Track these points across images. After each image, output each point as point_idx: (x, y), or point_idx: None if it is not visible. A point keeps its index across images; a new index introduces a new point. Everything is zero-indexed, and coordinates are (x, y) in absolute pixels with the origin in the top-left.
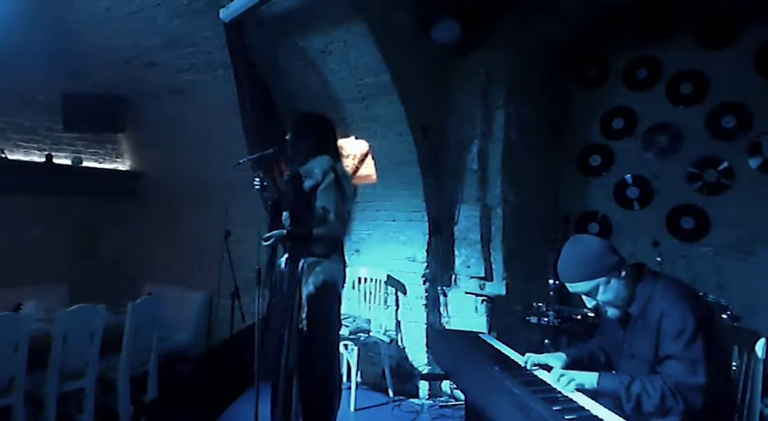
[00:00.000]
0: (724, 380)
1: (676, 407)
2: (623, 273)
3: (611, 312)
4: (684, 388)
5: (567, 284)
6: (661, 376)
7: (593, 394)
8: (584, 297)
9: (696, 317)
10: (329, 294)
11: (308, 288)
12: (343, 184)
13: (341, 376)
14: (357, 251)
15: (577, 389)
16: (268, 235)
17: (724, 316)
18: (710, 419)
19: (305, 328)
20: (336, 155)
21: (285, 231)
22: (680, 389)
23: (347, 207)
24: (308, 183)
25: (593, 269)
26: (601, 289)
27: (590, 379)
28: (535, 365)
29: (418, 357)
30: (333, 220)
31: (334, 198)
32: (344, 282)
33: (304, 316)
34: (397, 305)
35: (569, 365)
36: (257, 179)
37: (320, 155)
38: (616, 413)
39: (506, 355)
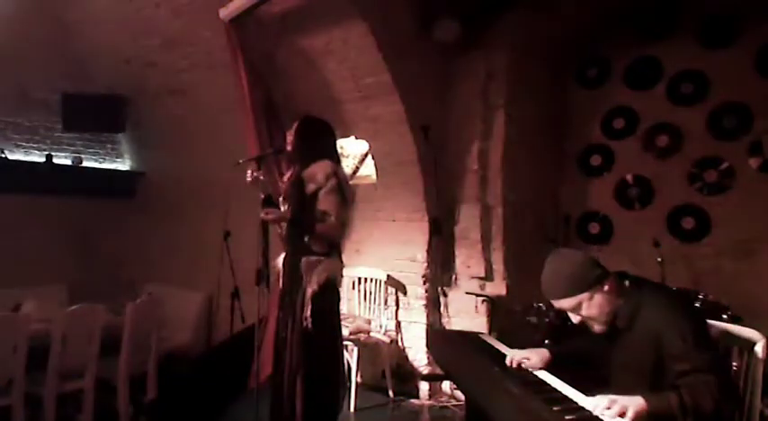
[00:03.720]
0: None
1: (728, 404)
2: (606, 287)
3: (597, 328)
4: (720, 386)
5: (552, 301)
6: (694, 382)
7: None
8: (569, 312)
9: (690, 323)
10: (332, 291)
11: (311, 286)
12: (344, 189)
13: (344, 374)
14: (357, 251)
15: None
16: (269, 210)
17: (724, 316)
18: (711, 419)
19: (309, 326)
20: (337, 159)
21: (288, 213)
22: (718, 388)
23: (347, 211)
24: (310, 187)
25: (575, 285)
26: (584, 305)
27: (636, 401)
28: (521, 358)
29: (418, 357)
30: (333, 223)
31: (335, 202)
32: (341, 281)
33: (308, 314)
34: (397, 305)
35: (555, 361)
36: (249, 171)
37: (322, 159)
38: None
39: (506, 356)
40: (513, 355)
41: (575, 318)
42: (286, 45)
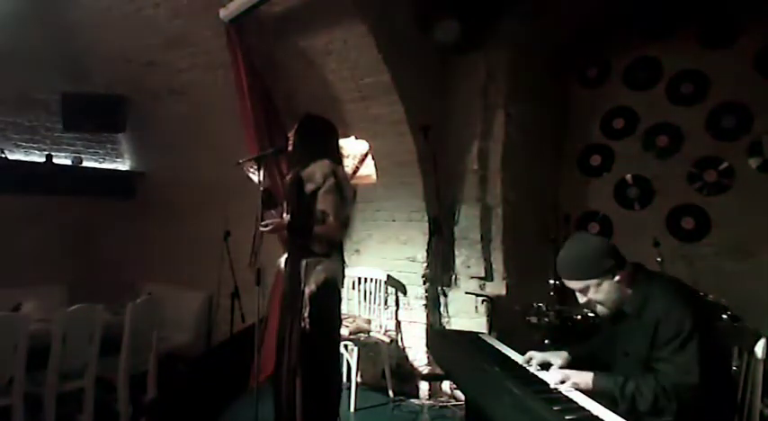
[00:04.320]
0: (723, 379)
1: (669, 407)
2: (617, 277)
3: (600, 310)
4: (678, 388)
5: (563, 279)
6: (654, 376)
7: (591, 393)
8: (576, 292)
9: (693, 318)
10: (331, 292)
11: (309, 286)
12: (343, 188)
13: (341, 374)
14: (357, 251)
15: (574, 389)
16: (267, 222)
17: (724, 316)
18: (710, 419)
19: (307, 327)
20: (338, 158)
21: (285, 221)
22: (673, 389)
23: (346, 210)
24: (308, 187)
25: (586, 270)
26: (592, 289)
27: (585, 378)
28: (538, 363)
29: (418, 357)
30: (331, 223)
31: (333, 202)
32: (343, 281)
33: (306, 314)
34: (397, 305)
35: (571, 363)
36: (252, 169)
37: (321, 158)
38: (614, 411)
39: (506, 355)
40: (534, 357)
41: (581, 299)
42: (286, 45)
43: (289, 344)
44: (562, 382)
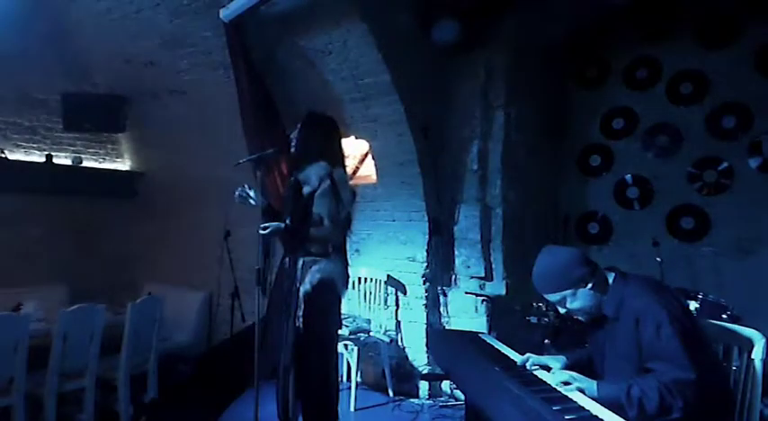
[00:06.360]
0: (716, 370)
1: (675, 404)
2: (590, 285)
3: (582, 318)
4: (678, 384)
5: (540, 293)
6: (653, 375)
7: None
8: (555, 305)
9: (667, 311)
10: (326, 293)
11: (304, 286)
12: (339, 191)
13: (338, 374)
14: (357, 251)
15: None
16: (266, 225)
17: (724, 316)
18: (710, 419)
19: (301, 326)
20: (337, 159)
21: (283, 225)
22: (675, 385)
23: (343, 213)
24: (305, 189)
25: (559, 282)
26: (568, 300)
27: (590, 386)
28: (535, 365)
29: (418, 357)
30: (327, 226)
31: (328, 205)
32: (347, 282)
33: (301, 313)
34: (397, 305)
35: (569, 368)
36: (241, 190)
37: (319, 160)
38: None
39: (506, 355)
40: (530, 358)
41: (561, 310)
42: (286, 45)
43: (284, 344)
44: (566, 383)
